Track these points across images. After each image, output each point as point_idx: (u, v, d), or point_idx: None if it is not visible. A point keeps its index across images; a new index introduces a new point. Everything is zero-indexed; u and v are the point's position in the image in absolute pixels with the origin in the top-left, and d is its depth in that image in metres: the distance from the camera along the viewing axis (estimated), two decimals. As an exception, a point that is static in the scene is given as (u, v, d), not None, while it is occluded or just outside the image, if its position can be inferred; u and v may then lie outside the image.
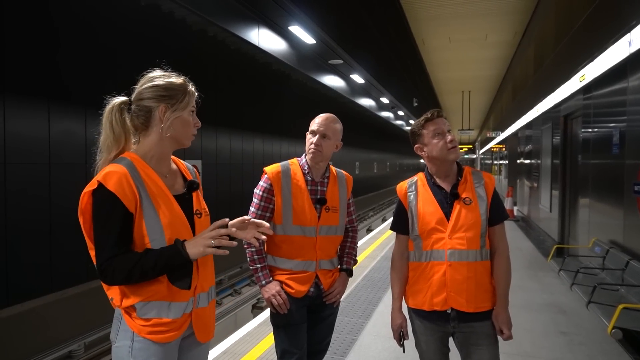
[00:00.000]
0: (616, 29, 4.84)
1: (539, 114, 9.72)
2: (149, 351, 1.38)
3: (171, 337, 1.41)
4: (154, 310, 1.39)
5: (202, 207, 1.55)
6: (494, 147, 26.16)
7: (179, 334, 1.44)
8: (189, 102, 1.49)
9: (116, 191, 1.32)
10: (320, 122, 2.10)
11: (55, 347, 5.23)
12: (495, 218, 1.86)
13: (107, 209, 1.33)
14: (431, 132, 1.89)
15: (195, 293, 1.47)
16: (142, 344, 1.38)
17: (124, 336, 1.39)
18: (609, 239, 5.00)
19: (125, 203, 1.33)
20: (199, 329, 1.49)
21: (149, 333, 1.38)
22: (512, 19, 13.81)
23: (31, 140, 5.41)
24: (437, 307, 1.81)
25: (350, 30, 11.95)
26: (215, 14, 7.79)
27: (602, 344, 3.59)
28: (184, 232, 1.45)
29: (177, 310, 1.42)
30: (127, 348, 1.38)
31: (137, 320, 1.39)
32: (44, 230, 5.55)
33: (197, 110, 1.55)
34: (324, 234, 2.08)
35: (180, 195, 1.50)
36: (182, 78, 1.52)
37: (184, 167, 1.62)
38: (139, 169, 1.41)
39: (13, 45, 5.20)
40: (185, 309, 1.44)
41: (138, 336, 1.38)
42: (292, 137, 13.50)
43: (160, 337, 1.39)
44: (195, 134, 1.55)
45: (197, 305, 1.48)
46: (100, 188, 1.33)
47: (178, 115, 1.46)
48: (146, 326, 1.38)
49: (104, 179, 1.33)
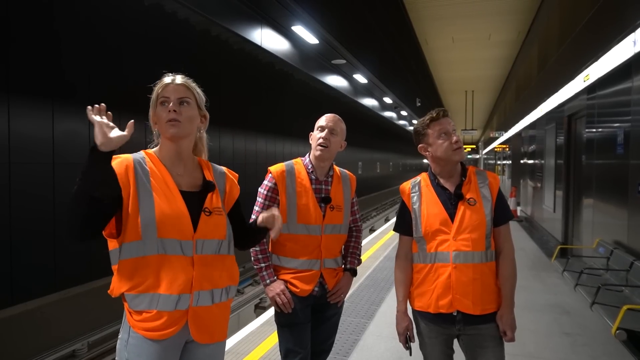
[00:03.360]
0: (621, 28, 4.81)
1: (543, 113, 9.69)
2: (141, 348, 1.40)
3: (164, 335, 1.41)
4: (144, 303, 1.41)
5: (213, 207, 1.55)
6: (497, 147, 26.10)
7: (174, 332, 1.42)
8: (156, 95, 1.51)
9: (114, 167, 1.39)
10: (328, 119, 2.12)
11: (59, 346, 5.24)
12: (500, 218, 1.84)
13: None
14: (436, 131, 1.86)
15: (192, 290, 1.45)
16: (136, 340, 1.41)
17: (124, 330, 1.45)
18: (613, 239, 4.98)
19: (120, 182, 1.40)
20: (197, 328, 1.46)
21: (141, 329, 1.40)
22: (515, 19, 13.76)
23: (35, 140, 5.43)
24: (442, 310, 1.79)
25: (353, 31, 11.94)
26: (219, 14, 7.80)
27: (606, 345, 3.58)
28: (181, 225, 1.45)
29: (167, 303, 1.40)
30: (124, 342, 1.43)
31: (132, 314, 1.42)
32: (47, 230, 5.56)
33: None
34: (329, 232, 2.08)
35: (194, 192, 1.53)
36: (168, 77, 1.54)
37: (208, 169, 1.63)
38: (149, 164, 1.49)
39: (17, 46, 5.22)
40: (178, 304, 1.42)
41: (133, 331, 1.41)
42: (295, 137, 13.49)
43: (152, 334, 1.39)
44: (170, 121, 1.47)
45: (195, 303, 1.45)
46: None
47: (153, 113, 1.53)
48: (139, 321, 1.40)
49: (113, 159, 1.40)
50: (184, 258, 1.45)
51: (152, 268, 1.41)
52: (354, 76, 14.91)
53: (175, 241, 1.44)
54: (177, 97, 1.49)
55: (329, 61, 13.00)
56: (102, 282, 6.06)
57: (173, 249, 1.43)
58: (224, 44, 9.53)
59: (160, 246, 1.42)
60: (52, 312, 5.46)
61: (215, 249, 1.53)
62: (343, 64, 13.30)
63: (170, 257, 1.43)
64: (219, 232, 1.55)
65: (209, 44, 9.09)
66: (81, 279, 5.94)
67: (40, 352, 5.07)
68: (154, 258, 1.42)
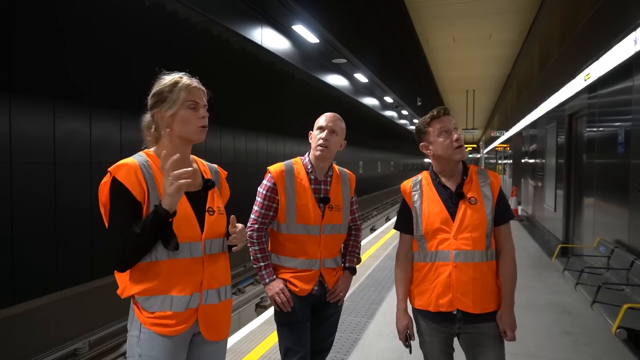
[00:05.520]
0: (622, 27, 4.81)
1: (544, 113, 9.68)
2: (153, 342, 1.42)
3: (175, 332, 1.43)
4: (156, 305, 1.42)
5: (215, 206, 1.57)
6: (498, 146, 26.07)
7: (185, 329, 1.45)
8: (179, 96, 1.48)
9: (124, 181, 1.39)
10: (328, 118, 2.11)
11: (60, 345, 5.26)
12: (501, 218, 1.84)
13: (116, 197, 1.40)
14: (437, 130, 1.86)
15: (202, 289, 1.48)
16: (147, 336, 1.42)
17: (135, 326, 1.45)
18: (614, 238, 4.98)
19: (132, 192, 1.40)
20: (206, 326, 1.50)
21: (152, 325, 1.42)
22: (516, 18, 13.74)
23: (36, 139, 5.43)
24: (442, 309, 1.79)
25: (354, 30, 11.94)
26: (220, 14, 7.80)
27: (607, 344, 3.58)
28: (189, 228, 1.47)
29: (179, 304, 1.43)
30: (135, 338, 1.44)
31: (143, 312, 1.43)
32: (49, 229, 5.57)
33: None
34: (328, 232, 2.08)
35: (196, 192, 1.54)
36: (176, 75, 1.52)
37: (204, 167, 1.66)
38: (152, 166, 1.47)
39: (19, 45, 5.22)
40: (190, 303, 1.45)
41: (144, 327, 1.43)
42: (295, 137, 13.49)
43: (163, 330, 1.42)
44: (203, 127, 1.52)
45: (204, 301, 1.48)
46: (111, 178, 1.41)
47: (172, 114, 1.48)
48: (150, 318, 1.42)
49: (114, 170, 1.41)
50: (194, 259, 1.47)
51: (163, 271, 1.43)
52: (355, 75, 14.91)
53: (186, 244, 1.45)
54: (204, 103, 1.53)
55: (330, 60, 12.99)
56: (103, 282, 6.07)
57: (183, 252, 1.45)
58: (224, 43, 9.54)
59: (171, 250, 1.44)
60: (53, 311, 5.47)
61: (220, 247, 1.56)
62: (344, 64, 13.30)
63: (181, 260, 1.45)
64: (222, 231, 1.58)
65: (210, 43, 9.10)
66: (82, 279, 5.95)
67: (41, 352, 5.08)
68: (165, 262, 1.43)
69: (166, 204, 1.35)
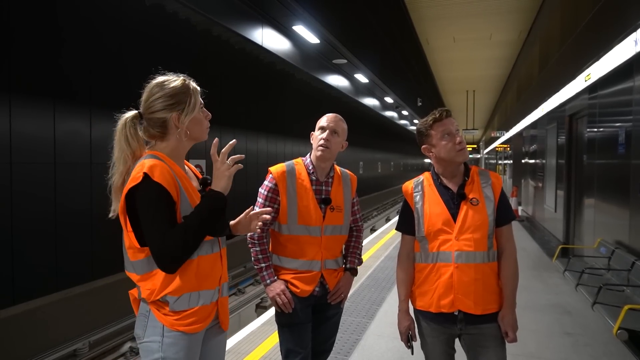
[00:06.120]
0: (622, 28, 4.80)
1: (544, 113, 9.68)
2: (179, 345, 1.42)
3: (200, 327, 1.47)
4: (186, 302, 1.44)
5: None
6: (498, 146, 26.08)
7: (207, 324, 1.51)
8: (197, 100, 1.53)
9: (161, 181, 1.37)
10: (329, 119, 2.11)
11: (60, 346, 5.25)
12: (502, 219, 1.84)
13: (156, 199, 1.37)
14: (439, 132, 1.85)
15: (221, 282, 1.55)
16: (172, 339, 1.42)
17: (153, 332, 1.42)
18: (615, 239, 4.97)
19: (170, 192, 1.39)
20: (223, 317, 1.58)
21: (180, 325, 1.42)
22: (516, 18, 13.74)
23: (36, 139, 5.43)
24: (444, 310, 1.79)
25: (354, 30, 11.93)
26: (220, 14, 7.80)
27: (608, 345, 3.57)
28: None
29: (206, 298, 1.48)
30: (157, 344, 1.41)
31: (170, 315, 1.42)
32: (49, 230, 5.57)
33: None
34: (329, 233, 2.08)
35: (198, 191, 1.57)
36: (181, 78, 1.53)
37: (191, 166, 1.69)
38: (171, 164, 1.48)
39: (19, 45, 5.22)
40: (213, 297, 1.51)
41: (169, 331, 1.41)
42: (296, 137, 13.49)
43: (190, 327, 1.44)
44: (209, 126, 1.59)
45: (222, 294, 1.56)
46: (146, 180, 1.36)
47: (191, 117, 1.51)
48: (179, 319, 1.42)
49: (149, 170, 1.36)
50: (215, 254, 1.52)
51: (196, 268, 1.45)
52: (355, 76, 14.90)
53: (208, 241, 1.49)
54: None
55: (330, 61, 12.99)
56: (103, 282, 6.07)
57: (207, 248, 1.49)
58: (225, 44, 9.54)
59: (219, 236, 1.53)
60: (53, 311, 5.46)
61: (224, 243, 1.62)
62: (344, 64, 13.29)
63: (207, 256, 1.49)
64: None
65: (210, 44, 9.10)
66: (82, 279, 5.94)
67: (41, 352, 5.08)
68: (196, 259, 1.45)
69: (221, 187, 1.42)
